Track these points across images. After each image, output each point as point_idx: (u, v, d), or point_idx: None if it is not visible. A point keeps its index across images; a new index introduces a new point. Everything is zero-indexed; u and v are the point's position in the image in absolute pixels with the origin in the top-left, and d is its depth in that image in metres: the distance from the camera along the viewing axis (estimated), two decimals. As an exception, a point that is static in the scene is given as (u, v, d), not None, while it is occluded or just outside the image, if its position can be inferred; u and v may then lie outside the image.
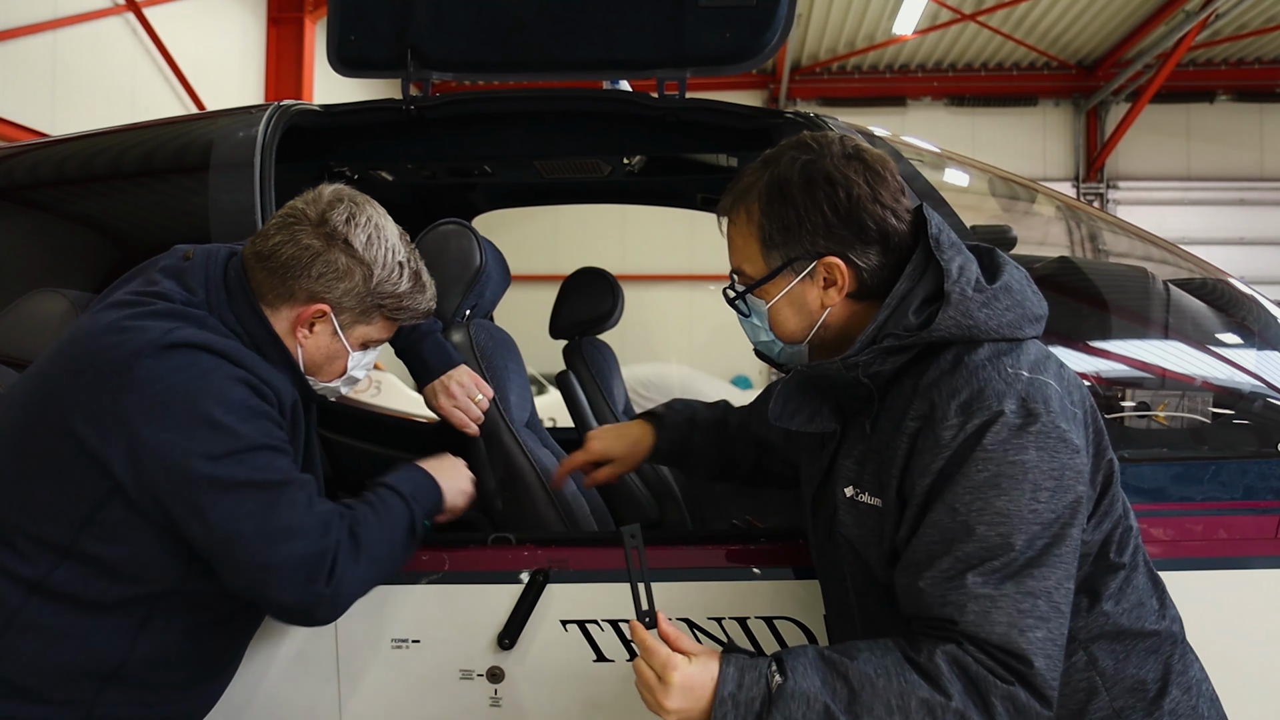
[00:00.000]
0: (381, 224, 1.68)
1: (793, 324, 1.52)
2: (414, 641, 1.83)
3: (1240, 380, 2.21)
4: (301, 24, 11.18)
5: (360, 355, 1.71)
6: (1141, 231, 2.61)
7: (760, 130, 2.34)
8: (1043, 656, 1.30)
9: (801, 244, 1.45)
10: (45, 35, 8.09)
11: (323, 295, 1.62)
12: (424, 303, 1.75)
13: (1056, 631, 1.31)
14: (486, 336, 2.23)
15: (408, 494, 1.67)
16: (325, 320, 1.65)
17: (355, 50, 2.26)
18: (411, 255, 1.72)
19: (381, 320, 1.70)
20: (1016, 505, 1.31)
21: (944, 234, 1.47)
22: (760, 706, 1.30)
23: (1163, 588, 1.52)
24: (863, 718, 1.29)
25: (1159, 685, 1.44)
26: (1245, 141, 14.55)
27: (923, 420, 1.38)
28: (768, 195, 1.47)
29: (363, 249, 1.63)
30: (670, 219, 13.19)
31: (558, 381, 3.03)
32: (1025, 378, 1.36)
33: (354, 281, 1.62)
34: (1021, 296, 1.45)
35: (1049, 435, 1.32)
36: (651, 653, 1.36)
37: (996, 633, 1.29)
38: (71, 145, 2.33)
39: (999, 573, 1.30)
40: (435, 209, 3.26)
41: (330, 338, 1.66)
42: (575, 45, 2.23)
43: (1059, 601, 1.32)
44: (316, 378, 1.70)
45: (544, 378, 9.23)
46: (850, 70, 14.72)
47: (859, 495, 1.48)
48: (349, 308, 1.65)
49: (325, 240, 1.61)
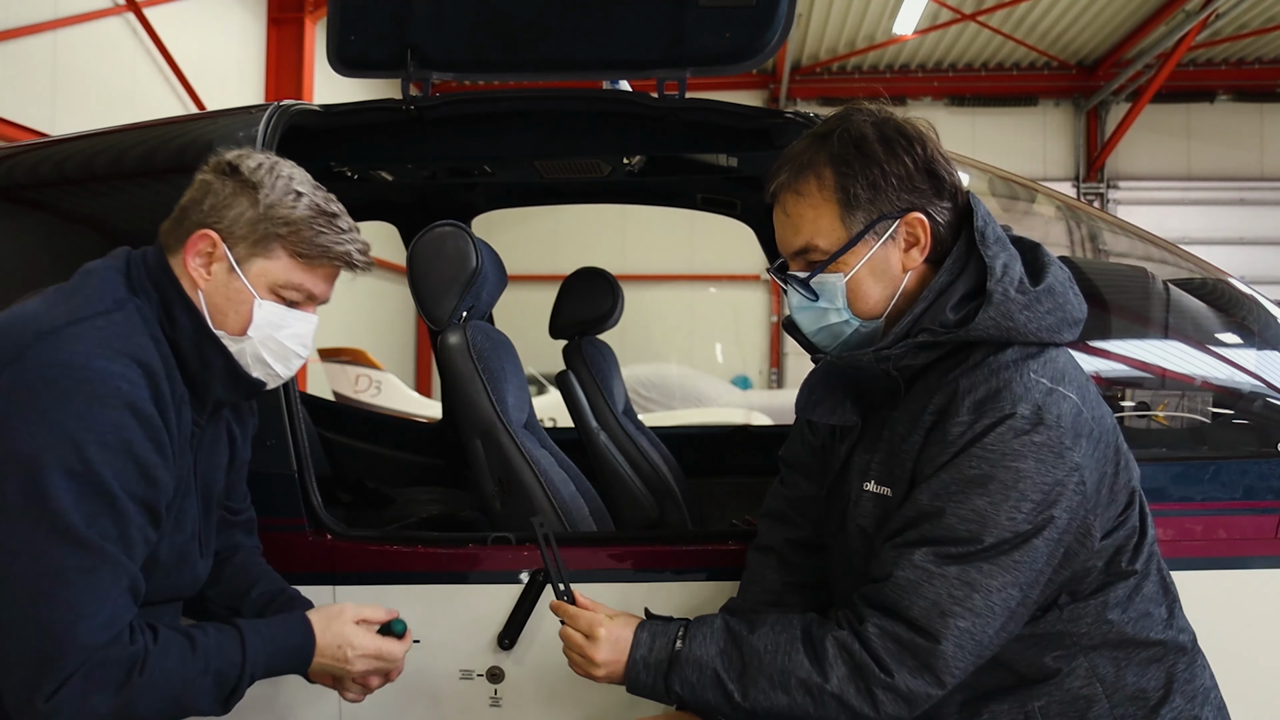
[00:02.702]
0: (282, 164, 1.55)
1: (875, 295, 1.45)
2: (414, 641, 1.83)
3: (1240, 380, 2.21)
4: (302, 24, 11.18)
5: (278, 310, 1.53)
6: (1141, 231, 2.61)
7: (760, 130, 2.34)
8: (954, 643, 1.31)
9: (888, 199, 1.41)
10: (45, 35, 8.09)
11: (212, 224, 1.50)
12: (339, 244, 1.54)
13: (981, 630, 1.31)
14: (483, 338, 2.23)
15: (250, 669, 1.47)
16: (219, 256, 1.50)
17: (355, 50, 2.26)
18: (320, 192, 1.56)
19: (286, 256, 1.52)
20: (996, 509, 1.31)
21: (990, 227, 1.43)
22: (667, 668, 1.41)
23: (1174, 597, 1.50)
24: (750, 689, 1.37)
25: (1161, 694, 1.43)
26: (1245, 141, 14.56)
27: (939, 414, 1.38)
28: (844, 157, 1.41)
29: (250, 174, 1.51)
30: (670, 219, 13.27)
31: (558, 381, 3.03)
32: (1046, 386, 1.34)
33: (242, 207, 1.50)
34: (1064, 299, 1.42)
35: (1050, 448, 1.31)
36: (575, 617, 1.48)
37: (918, 607, 1.32)
38: (72, 145, 2.32)
39: (950, 557, 1.31)
40: (435, 209, 3.26)
41: (227, 275, 1.51)
42: (575, 45, 2.23)
43: (996, 604, 1.31)
44: (225, 330, 1.52)
45: (544, 378, 9.23)
46: (850, 70, 14.72)
47: (873, 486, 1.48)
48: (240, 236, 1.50)
49: (218, 174, 1.53)
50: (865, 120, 1.44)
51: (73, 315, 1.41)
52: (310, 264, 1.53)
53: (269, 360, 1.56)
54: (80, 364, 1.35)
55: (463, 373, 2.16)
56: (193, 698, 1.42)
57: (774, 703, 1.37)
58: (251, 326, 1.52)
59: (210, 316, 1.52)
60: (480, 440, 2.15)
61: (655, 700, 1.46)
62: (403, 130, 2.44)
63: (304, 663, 1.56)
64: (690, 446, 3.48)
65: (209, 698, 1.43)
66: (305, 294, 1.56)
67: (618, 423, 3.07)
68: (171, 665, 1.38)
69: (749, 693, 1.38)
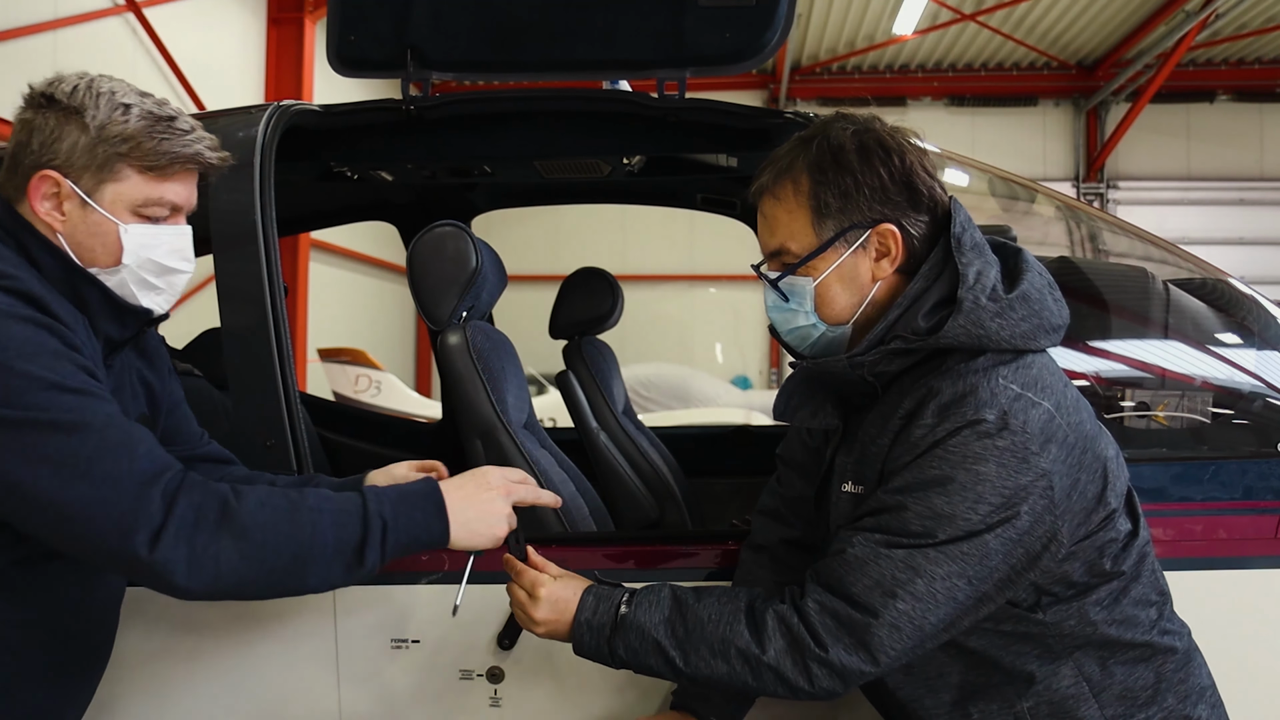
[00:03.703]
0: (99, 80, 1.45)
1: (841, 301, 1.47)
2: (414, 641, 1.83)
3: (1240, 380, 2.21)
4: (301, 24, 11.19)
5: (147, 229, 1.46)
6: (1141, 231, 2.61)
7: (760, 130, 2.34)
8: (890, 624, 1.32)
9: (859, 210, 1.43)
10: (45, 35, 8.09)
11: (49, 163, 1.41)
12: (185, 146, 1.46)
13: (921, 616, 1.32)
14: (483, 338, 2.23)
15: (373, 507, 1.42)
16: (68, 193, 1.42)
17: (355, 50, 2.26)
18: (149, 99, 1.48)
19: (135, 174, 1.44)
20: (953, 509, 1.32)
21: (967, 234, 1.44)
22: (610, 632, 1.44)
23: (1166, 599, 1.49)
24: (690, 656, 1.40)
25: (1150, 693, 1.43)
26: (1245, 141, 14.57)
27: (907, 418, 1.39)
28: (820, 164, 1.44)
29: (69, 99, 1.41)
30: (670, 219, 13.29)
31: (557, 381, 3.03)
32: (1014, 392, 1.34)
33: (73, 136, 1.41)
34: (1040, 305, 1.42)
35: (1014, 453, 1.31)
36: (521, 574, 1.53)
37: (860, 585, 1.34)
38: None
39: (899, 546, 1.33)
40: (435, 209, 3.26)
41: (82, 210, 1.43)
42: (575, 45, 2.23)
43: (939, 591, 1.32)
44: (98, 265, 1.45)
45: (544, 378, 9.24)
46: (850, 70, 14.73)
47: (850, 487, 1.49)
48: (81, 167, 1.41)
49: (36, 109, 1.43)
50: (845, 129, 1.46)
51: None
52: (163, 174, 1.46)
53: (152, 281, 1.49)
54: None
55: (462, 373, 2.16)
56: (315, 535, 1.36)
57: (714, 671, 1.40)
58: (125, 254, 1.45)
59: (78, 257, 1.44)
60: (480, 440, 2.15)
61: (600, 663, 1.48)
62: (402, 130, 2.44)
63: (436, 503, 1.47)
64: (690, 446, 3.49)
65: (333, 538, 1.37)
66: (169, 205, 1.48)
67: (617, 423, 3.07)
68: (271, 500, 1.35)
69: (690, 659, 1.41)
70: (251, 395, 1.88)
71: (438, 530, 1.47)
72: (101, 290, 1.46)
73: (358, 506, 1.41)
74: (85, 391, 1.31)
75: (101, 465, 1.27)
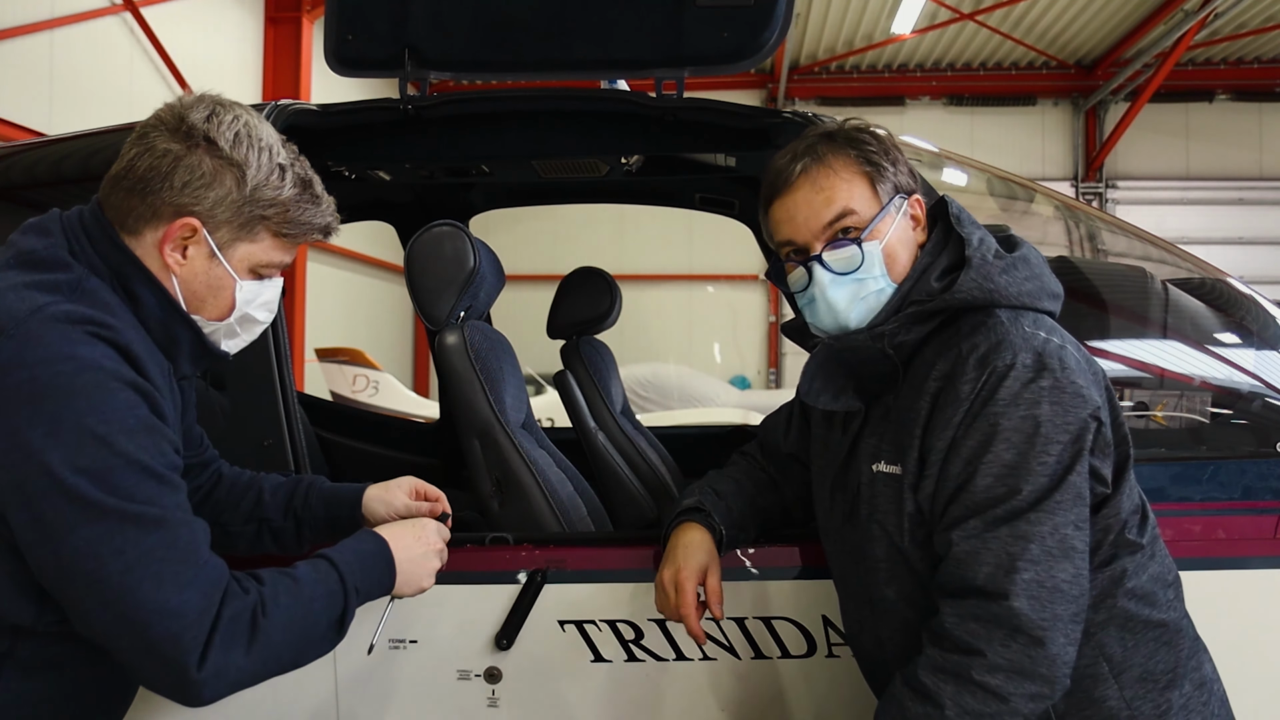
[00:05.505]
0: (253, 122, 1.41)
1: (903, 261, 1.51)
2: (411, 642, 1.83)
3: (1239, 380, 2.21)
4: (299, 23, 11.19)
5: (254, 286, 1.44)
6: (1140, 231, 2.61)
7: (758, 130, 2.34)
8: (1026, 597, 1.32)
9: (902, 176, 1.52)
10: (42, 35, 8.09)
11: (190, 208, 1.35)
12: (321, 217, 1.46)
13: (1049, 576, 1.33)
14: (481, 338, 2.23)
15: (349, 581, 1.41)
16: (198, 240, 1.37)
17: (353, 50, 2.26)
18: (297, 161, 1.45)
19: (270, 237, 1.41)
20: (1024, 458, 1.34)
21: (965, 213, 1.54)
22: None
23: (1176, 578, 1.53)
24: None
25: (1169, 677, 1.45)
26: (1244, 141, 14.58)
27: (944, 379, 1.42)
28: (856, 140, 1.52)
29: (230, 148, 1.36)
30: (669, 219, 13.27)
31: (555, 381, 3.03)
32: (1042, 337, 1.39)
33: (225, 188, 1.36)
34: (1039, 270, 1.50)
35: (1063, 390, 1.35)
36: None
37: (981, 575, 1.34)
38: (69, 145, 2.32)
39: (996, 520, 1.34)
40: (433, 209, 3.26)
41: (207, 261, 1.38)
42: (573, 45, 2.23)
43: (1053, 547, 1.33)
44: (202, 315, 1.42)
45: (542, 378, 9.23)
46: (849, 70, 14.73)
47: (883, 466, 1.51)
48: (225, 220, 1.37)
49: (185, 142, 1.35)
50: (841, 125, 1.57)
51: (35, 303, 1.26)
52: (294, 241, 1.45)
53: (240, 332, 1.49)
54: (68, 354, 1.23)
55: (460, 373, 2.16)
56: (314, 623, 1.36)
57: None
58: (234, 309, 1.44)
59: (185, 302, 1.40)
60: (478, 440, 2.15)
61: None
62: (400, 130, 2.44)
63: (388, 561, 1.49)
64: (688, 446, 3.48)
65: (325, 620, 1.37)
66: (279, 266, 1.47)
67: (616, 423, 3.06)
68: (286, 600, 1.33)
69: None
70: (249, 395, 1.88)
71: (387, 585, 1.50)
72: (195, 334, 1.43)
73: (338, 582, 1.40)
74: (166, 480, 1.27)
75: (171, 568, 1.23)
